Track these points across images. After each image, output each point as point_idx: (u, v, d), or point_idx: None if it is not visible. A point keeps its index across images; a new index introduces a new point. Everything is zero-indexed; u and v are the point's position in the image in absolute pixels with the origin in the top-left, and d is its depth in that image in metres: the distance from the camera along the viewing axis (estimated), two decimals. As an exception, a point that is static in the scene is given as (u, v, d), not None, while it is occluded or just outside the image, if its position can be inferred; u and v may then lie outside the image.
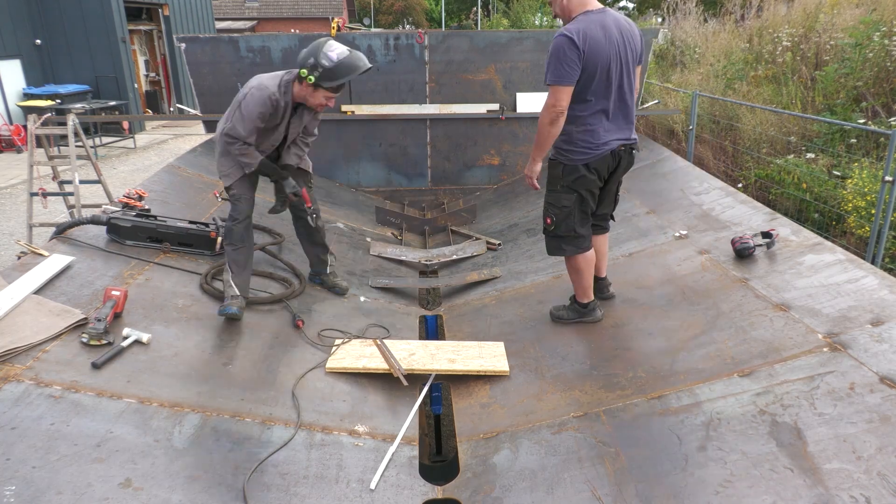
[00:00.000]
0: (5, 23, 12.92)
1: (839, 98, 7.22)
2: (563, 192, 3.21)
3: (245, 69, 6.63)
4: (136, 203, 3.98)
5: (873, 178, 5.29)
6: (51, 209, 6.55)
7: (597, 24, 2.93)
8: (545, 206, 3.32)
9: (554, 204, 3.25)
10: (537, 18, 26.71)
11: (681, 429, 2.42)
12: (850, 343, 2.51)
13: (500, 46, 6.71)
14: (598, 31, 2.91)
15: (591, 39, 2.88)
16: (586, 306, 3.42)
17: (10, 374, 2.41)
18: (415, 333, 3.86)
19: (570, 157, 3.13)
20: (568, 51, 2.86)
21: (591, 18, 2.95)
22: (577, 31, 2.88)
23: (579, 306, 3.44)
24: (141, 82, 16.45)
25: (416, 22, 48.32)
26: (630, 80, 3.11)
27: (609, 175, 3.25)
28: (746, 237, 3.50)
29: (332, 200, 6.37)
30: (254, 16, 36.15)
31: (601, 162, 3.13)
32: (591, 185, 3.20)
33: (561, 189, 3.21)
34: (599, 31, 2.91)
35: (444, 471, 2.72)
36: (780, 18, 9.70)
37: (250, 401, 2.72)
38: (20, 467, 2.03)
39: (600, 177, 3.20)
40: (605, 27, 2.94)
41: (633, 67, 3.11)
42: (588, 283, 3.38)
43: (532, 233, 5.17)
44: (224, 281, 3.36)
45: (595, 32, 2.90)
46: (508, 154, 7.09)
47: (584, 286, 3.38)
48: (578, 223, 3.25)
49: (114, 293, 2.96)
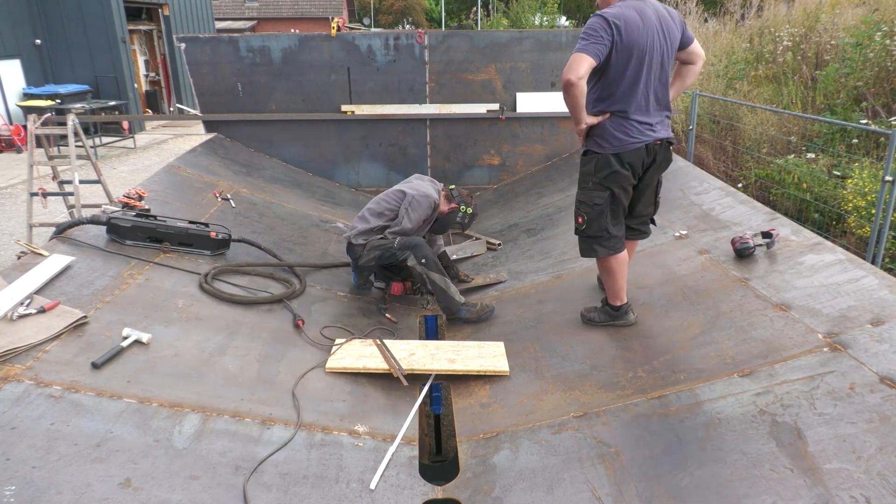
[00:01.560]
0: (5, 23, 12.92)
1: (839, 98, 7.22)
2: (595, 190, 3.11)
3: (245, 69, 6.64)
4: (135, 203, 3.98)
5: (873, 178, 5.29)
6: (51, 209, 6.54)
7: (634, 10, 2.88)
8: (577, 205, 3.23)
9: (585, 202, 3.16)
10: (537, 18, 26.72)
11: (681, 429, 2.42)
12: (850, 343, 2.51)
13: (500, 46, 6.71)
14: (635, 17, 2.85)
15: (627, 23, 2.82)
16: (618, 309, 3.32)
17: (10, 374, 2.41)
18: (415, 333, 3.86)
19: (602, 149, 3.04)
20: (599, 28, 2.81)
21: (629, 4, 2.90)
22: (612, 13, 2.83)
23: (611, 309, 3.34)
24: (141, 82, 16.45)
25: (416, 22, 48.30)
26: (666, 71, 2.99)
27: (644, 171, 3.12)
28: (746, 237, 3.49)
29: (333, 200, 6.38)
30: (254, 16, 36.15)
31: (635, 156, 3.02)
32: (624, 182, 3.08)
33: (593, 186, 3.12)
34: (637, 17, 2.85)
35: (444, 471, 2.72)
36: (781, 18, 9.70)
37: (250, 401, 2.72)
38: (20, 467, 2.03)
39: (634, 173, 3.08)
40: (642, 14, 2.88)
41: (670, 58, 3.00)
42: (621, 285, 3.27)
43: (532, 233, 5.17)
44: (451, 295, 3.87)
45: (632, 17, 2.84)
46: (508, 154, 7.09)
47: (615, 289, 3.28)
48: (611, 223, 3.14)
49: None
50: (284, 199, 5.76)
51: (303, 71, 6.68)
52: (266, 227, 4.83)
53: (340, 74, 6.72)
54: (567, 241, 4.67)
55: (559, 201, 5.61)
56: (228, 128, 6.80)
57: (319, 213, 5.73)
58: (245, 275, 3.84)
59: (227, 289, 3.56)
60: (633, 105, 2.97)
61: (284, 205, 5.56)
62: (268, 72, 6.64)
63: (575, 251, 3.52)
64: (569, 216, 5.12)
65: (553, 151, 7.05)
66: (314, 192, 6.44)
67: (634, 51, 2.86)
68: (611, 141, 3.01)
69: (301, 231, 5.09)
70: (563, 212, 5.28)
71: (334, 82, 6.75)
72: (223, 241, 3.96)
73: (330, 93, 6.78)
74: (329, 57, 6.64)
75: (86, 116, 9.56)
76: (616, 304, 3.32)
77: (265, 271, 3.97)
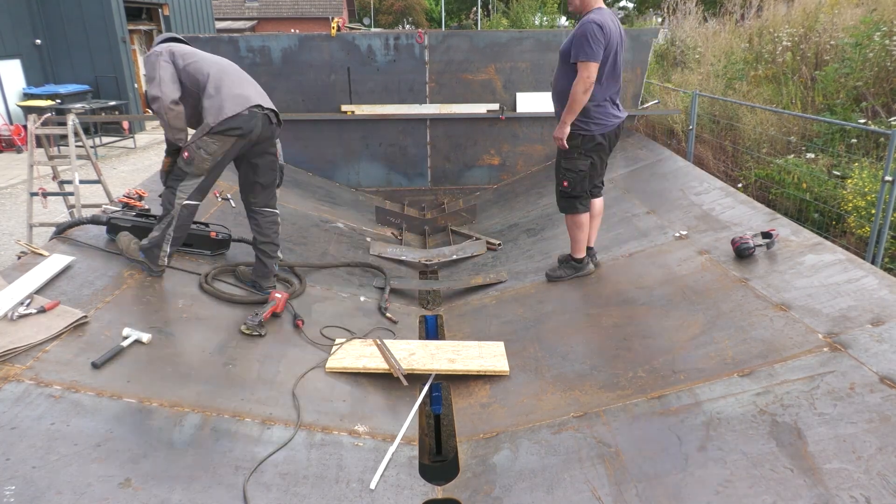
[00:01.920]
0: (5, 23, 12.92)
1: (839, 98, 7.22)
2: (580, 159, 3.81)
3: (245, 69, 6.55)
4: (136, 203, 3.98)
5: (873, 178, 5.29)
6: (51, 209, 6.54)
7: (608, 17, 3.53)
8: (562, 172, 3.88)
9: (571, 169, 3.84)
10: (537, 18, 26.73)
11: (681, 429, 2.42)
12: (850, 343, 2.51)
13: (500, 46, 6.71)
14: (610, 24, 3.52)
15: (608, 29, 3.48)
16: (581, 261, 3.99)
17: (10, 374, 2.41)
18: (415, 333, 3.86)
19: (589, 129, 3.73)
20: (597, 33, 3.45)
21: (603, 13, 3.54)
22: (600, 20, 3.47)
23: (575, 262, 4.00)
24: (141, 82, 16.44)
25: (416, 22, 48.30)
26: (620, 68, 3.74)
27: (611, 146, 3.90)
28: (746, 237, 3.50)
29: (332, 200, 6.37)
30: (254, 16, 36.15)
31: (612, 133, 3.80)
32: (603, 153, 3.89)
33: (578, 156, 3.81)
34: (611, 24, 3.53)
35: (444, 471, 2.72)
36: (781, 18, 9.70)
37: (250, 401, 2.72)
38: (20, 467, 2.03)
39: (610, 146, 3.87)
40: (613, 21, 3.57)
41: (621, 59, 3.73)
42: (584, 238, 3.96)
43: (532, 233, 5.17)
44: None
45: (609, 24, 3.50)
46: (508, 154, 7.09)
47: (580, 241, 3.95)
48: (589, 185, 3.91)
49: (276, 295, 3.41)
50: (284, 198, 5.75)
51: (303, 71, 6.68)
52: (266, 227, 4.82)
53: (340, 74, 6.71)
54: (567, 241, 4.67)
55: (559, 201, 5.60)
56: (228, 128, 6.78)
57: (319, 213, 5.73)
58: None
59: (227, 289, 3.57)
60: (608, 95, 3.72)
61: (284, 205, 5.55)
62: (268, 72, 6.64)
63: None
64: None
65: (553, 151, 6.98)
66: (314, 192, 6.44)
67: (611, 52, 3.56)
68: (597, 122, 3.72)
69: (301, 231, 5.09)
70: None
71: (334, 82, 6.75)
72: (223, 241, 3.96)
73: (330, 93, 6.78)
74: (329, 57, 6.64)
75: (86, 116, 9.55)
76: (579, 256, 3.99)
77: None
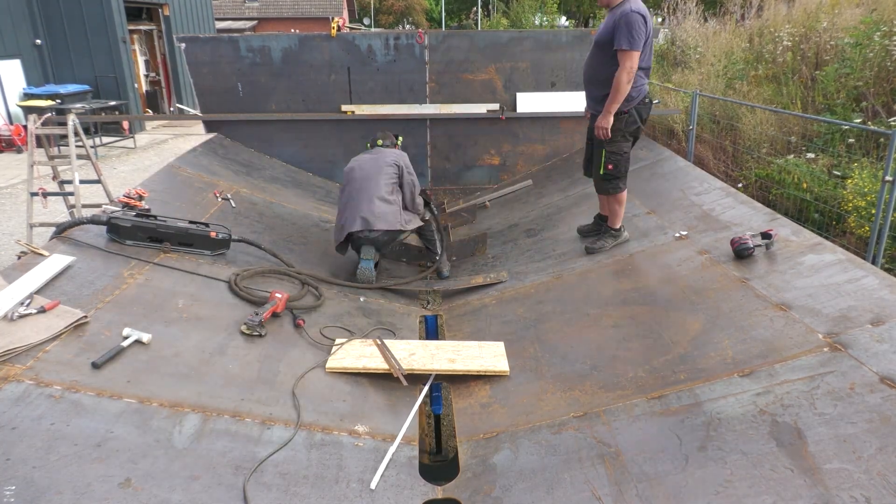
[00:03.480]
0: (5, 23, 12.91)
1: (839, 98, 7.21)
2: (622, 141, 4.07)
3: (245, 69, 6.64)
4: (136, 203, 3.98)
5: (873, 178, 5.29)
6: (51, 209, 6.53)
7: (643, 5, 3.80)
8: (607, 156, 4.10)
9: (616, 152, 4.09)
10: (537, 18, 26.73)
11: (681, 429, 2.42)
12: (850, 343, 2.51)
13: (500, 46, 6.71)
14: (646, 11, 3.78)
15: (649, 21, 3.77)
16: (619, 230, 4.30)
17: (10, 374, 2.41)
18: (415, 333, 3.86)
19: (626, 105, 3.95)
20: (641, 25, 3.71)
21: (640, 3, 3.78)
22: (644, 12, 3.75)
23: (614, 232, 4.29)
24: (141, 82, 16.43)
25: (416, 22, 48.29)
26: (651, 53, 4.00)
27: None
28: (746, 237, 3.50)
29: (332, 200, 6.37)
30: (254, 16, 36.14)
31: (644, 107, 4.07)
32: (638, 133, 4.17)
33: (621, 139, 4.06)
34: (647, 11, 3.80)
35: (444, 471, 2.72)
36: (781, 18, 9.69)
37: (250, 401, 2.72)
38: (20, 467, 2.03)
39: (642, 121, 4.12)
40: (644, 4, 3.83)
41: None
42: (623, 211, 4.28)
43: (532, 233, 5.17)
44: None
45: (648, 15, 3.78)
46: (508, 154, 7.09)
47: (620, 215, 4.27)
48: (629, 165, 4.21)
49: (277, 295, 3.43)
50: (284, 198, 5.76)
51: (303, 71, 6.68)
52: (266, 227, 4.83)
53: (340, 74, 6.71)
54: (567, 241, 4.67)
55: (559, 201, 5.61)
56: (228, 128, 6.80)
57: (319, 213, 5.73)
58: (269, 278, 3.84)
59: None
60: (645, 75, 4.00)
61: (284, 205, 5.56)
62: (268, 72, 6.64)
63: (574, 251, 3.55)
64: (569, 216, 5.12)
65: (553, 151, 7.05)
66: (314, 192, 6.45)
67: (650, 36, 3.81)
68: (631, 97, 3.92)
69: (301, 231, 5.09)
70: (563, 212, 5.28)
71: (334, 82, 6.75)
72: (223, 241, 3.96)
73: (330, 93, 6.78)
74: (329, 57, 6.64)
75: (86, 116, 9.55)
76: (618, 226, 4.29)
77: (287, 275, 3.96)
